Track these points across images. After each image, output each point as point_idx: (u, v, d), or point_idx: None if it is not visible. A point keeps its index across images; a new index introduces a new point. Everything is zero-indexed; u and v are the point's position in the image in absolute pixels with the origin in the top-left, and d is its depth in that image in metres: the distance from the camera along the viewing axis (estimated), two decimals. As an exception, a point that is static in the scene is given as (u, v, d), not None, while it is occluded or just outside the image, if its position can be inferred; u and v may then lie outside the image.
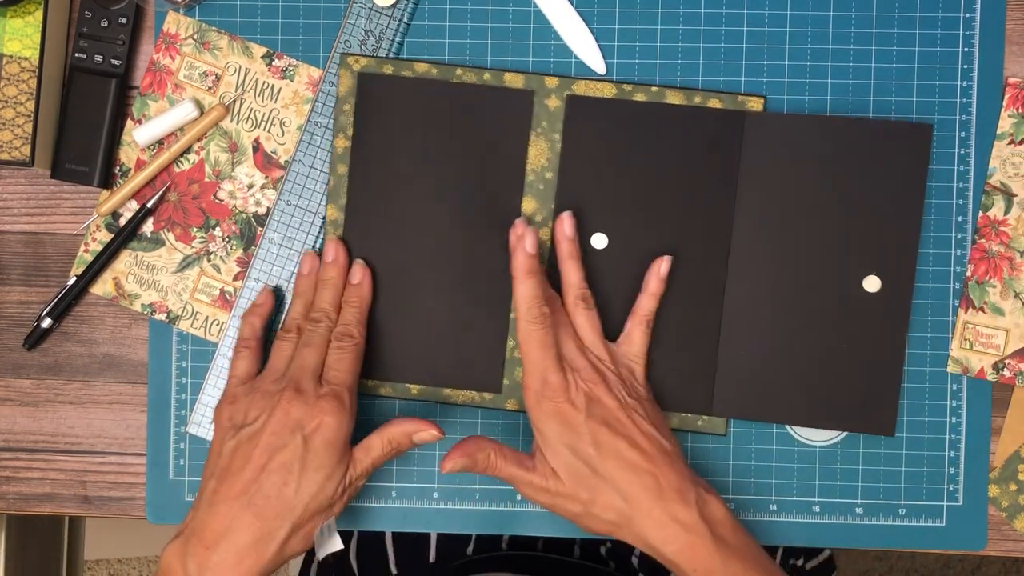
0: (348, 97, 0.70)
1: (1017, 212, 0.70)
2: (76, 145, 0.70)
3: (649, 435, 0.63)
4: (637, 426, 0.63)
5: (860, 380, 0.69)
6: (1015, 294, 0.70)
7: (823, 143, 0.68)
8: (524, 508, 0.71)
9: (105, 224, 0.72)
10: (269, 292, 0.70)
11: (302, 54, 0.71)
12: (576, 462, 0.62)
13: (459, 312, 0.70)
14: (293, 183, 0.71)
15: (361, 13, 0.71)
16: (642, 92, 0.69)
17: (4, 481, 0.73)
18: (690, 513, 0.61)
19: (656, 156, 0.69)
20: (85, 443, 0.73)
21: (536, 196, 0.70)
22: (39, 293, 0.72)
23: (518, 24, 0.71)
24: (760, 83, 0.70)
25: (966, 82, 0.70)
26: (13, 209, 0.72)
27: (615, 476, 0.62)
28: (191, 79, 0.71)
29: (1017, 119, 0.70)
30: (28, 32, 0.69)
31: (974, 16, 0.70)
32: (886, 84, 0.70)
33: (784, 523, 0.71)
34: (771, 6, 0.71)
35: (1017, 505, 0.70)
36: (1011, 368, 0.70)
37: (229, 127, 0.71)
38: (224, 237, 0.72)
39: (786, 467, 0.71)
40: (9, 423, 0.73)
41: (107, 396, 0.72)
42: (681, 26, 0.71)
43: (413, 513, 0.72)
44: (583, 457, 0.62)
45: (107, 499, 0.73)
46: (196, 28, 0.71)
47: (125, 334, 0.72)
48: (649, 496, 0.61)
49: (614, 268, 0.69)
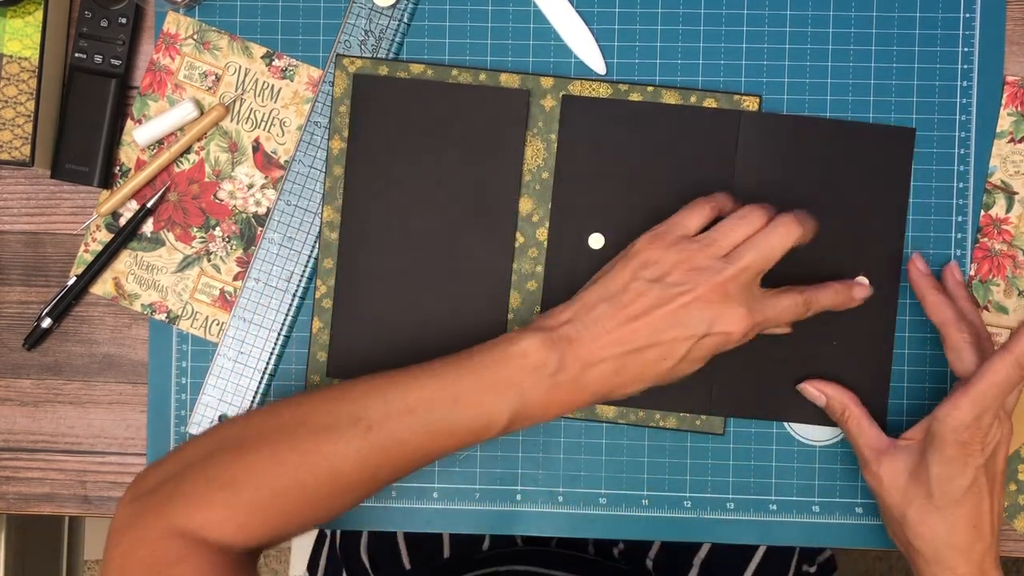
0: (344, 98, 0.70)
1: (1019, 210, 0.70)
2: (76, 145, 0.70)
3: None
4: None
5: (850, 378, 0.69)
6: (1019, 292, 0.70)
7: (814, 144, 0.69)
8: (524, 508, 0.71)
9: (105, 224, 0.72)
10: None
11: (302, 54, 0.71)
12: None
13: (457, 313, 0.70)
14: (293, 183, 0.71)
15: (361, 13, 0.71)
16: (638, 92, 0.69)
17: (4, 481, 0.73)
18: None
19: (652, 155, 0.69)
20: (85, 443, 0.73)
21: (533, 196, 0.70)
22: (39, 293, 0.72)
23: (518, 24, 0.71)
24: (760, 83, 0.70)
25: (966, 82, 0.70)
26: (13, 209, 0.73)
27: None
28: (191, 79, 0.71)
29: (1016, 117, 0.70)
30: (28, 32, 0.69)
31: (974, 16, 0.70)
32: (886, 84, 0.70)
33: (784, 523, 0.71)
34: (771, 6, 0.71)
35: (1017, 505, 0.70)
36: (1013, 368, 0.70)
37: (229, 127, 0.71)
38: (224, 237, 0.72)
39: (786, 467, 0.71)
40: (9, 423, 0.73)
41: (107, 396, 0.73)
42: (681, 26, 0.71)
43: (413, 513, 0.72)
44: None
45: (107, 499, 0.73)
46: (196, 28, 0.71)
47: (125, 334, 0.72)
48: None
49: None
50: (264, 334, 0.71)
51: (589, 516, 0.71)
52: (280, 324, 0.71)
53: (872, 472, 0.64)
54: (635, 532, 0.71)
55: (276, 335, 0.71)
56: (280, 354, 0.71)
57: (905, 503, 0.63)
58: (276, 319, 0.71)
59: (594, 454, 0.71)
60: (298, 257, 0.71)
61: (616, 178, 0.69)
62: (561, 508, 0.71)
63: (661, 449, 0.71)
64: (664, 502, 0.71)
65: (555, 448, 0.71)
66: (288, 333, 0.71)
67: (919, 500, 0.62)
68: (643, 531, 0.71)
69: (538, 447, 0.71)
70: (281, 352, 0.71)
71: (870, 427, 0.65)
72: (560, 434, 0.71)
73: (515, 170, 0.70)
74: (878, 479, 0.64)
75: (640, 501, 0.71)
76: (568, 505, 0.71)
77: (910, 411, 0.70)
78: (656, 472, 0.71)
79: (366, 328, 0.70)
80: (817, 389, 0.68)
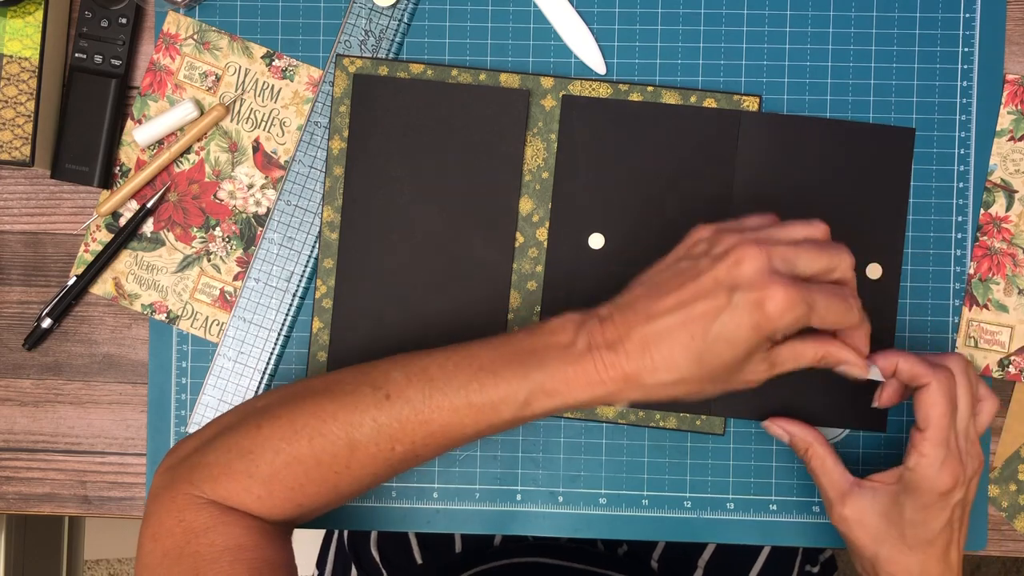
0: (344, 98, 0.70)
1: (1018, 208, 0.70)
2: (76, 145, 0.70)
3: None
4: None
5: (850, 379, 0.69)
6: (1019, 290, 0.70)
7: (814, 144, 0.69)
8: (524, 508, 0.71)
9: (105, 224, 0.72)
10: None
11: (302, 54, 0.71)
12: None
13: (457, 312, 0.70)
14: (293, 183, 0.71)
15: (361, 13, 0.71)
16: (638, 92, 0.69)
17: (4, 481, 0.73)
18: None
19: (652, 155, 0.69)
20: (85, 443, 0.73)
21: (533, 196, 0.70)
22: (39, 293, 0.72)
23: (518, 24, 0.71)
24: (760, 83, 0.70)
25: (966, 82, 0.70)
26: (13, 209, 0.73)
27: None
28: (191, 79, 0.71)
29: (1016, 115, 0.70)
30: (28, 32, 0.69)
31: (974, 16, 0.70)
32: (886, 84, 0.70)
33: (784, 523, 0.71)
34: (771, 6, 0.71)
35: (1017, 505, 0.70)
36: (1016, 364, 0.70)
37: (229, 127, 0.71)
38: (224, 237, 0.72)
39: (786, 467, 0.71)
40: (9, 423, 0.73)
41: (107, 396, 0.73)
42: (681, 26, 0.71)
43: (413, 513, 0.72)
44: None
45: (107, 499, 0.73)
46: (196, 28, 0.71)
47: (125, 334, 0.72)
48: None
49: (611, 268, 0.69)
50: (264, 334, 0.71)
51: (589, 516, 0.71)
52: (280, 324, 0.71)
53: (838, 514, 0.63)
54: (635, 532, 0.71)
55: (276, 335, 0.71)
56: (280, 354, 0.71)
57: (876, 544, 0.62)
58: (276, 319, 0.71)
59: (594, 454, 0.71)
60: (298, 257, 0.71)
61: (616, 178, 0.69)
62: (561, 508, 0.71)
63: (661, 449, 0.71)
64: (664, 502, 0.71)
65: (555, 448, 0.71)
66: (288, 333, 0.71)
67: (890, 541, 0.61)
68: (643, 531, 0.71)
69: (538, 447, 0.71)
70: (281, 352, 0.71)
71: (834, 467, 0.63)
72: (560, 434, 0.71)
73: (515, 170, 0.70)
74: (844, 521, 0.62)
75: (640, 501, 0.71)
76: (568, 505, 0.71)
77: (910, 411, 0.70)
78: (656, 472, 0.71)
79: (366, 328, 0.70)
80: (780, 427, 0.66)
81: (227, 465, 0.57)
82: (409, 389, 0.57)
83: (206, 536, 0.56)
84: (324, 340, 0.71)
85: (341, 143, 0.70)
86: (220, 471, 0.57)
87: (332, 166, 0.70)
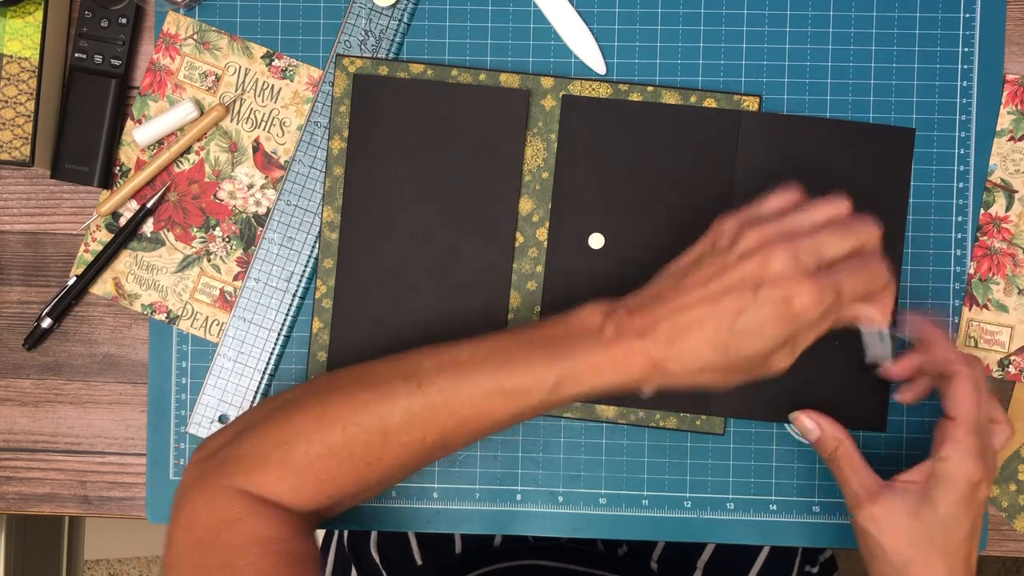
0: (344, 98, 0.70)
1: (1018, 208, 0.70)
2: (76, 145, 0.70)
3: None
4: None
5: (851, 378, 0.69)
6: (1018, 290, 0.70)
7: (814, 144, 0.69)
8: (524, 508, 0.71)
9: (105, 224, 0.72)
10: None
11: (302, 54, 0.71)
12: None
13: (457, 312, 0.70)
14: (293, 183, 0.71)
15: (361, 13, 0.71)
16: (638, 92, 0.69)
17: (4, 481, 0.73)
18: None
19: (652, 155, 0.69)
20: (85, 443, 0.73)
21: (533, 196, 0.70)
22: (39, 293, 0.72)
23: (518, 24, 0.71)
24: (760, 83, 0.70)
25: (966, 82, 0.70)
26: (13, 209, 0.73)
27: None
28: (191, 79, 0.71)
29: (1016, 115, 0.70)
30: (28, 32, 0.69)
31: (974, 16, 0.70)
32: (886, 84, 0.70)
33: (784, 523, 0.71)
34: (771, 6, 0.71)
35: (1017, 505, 0.70)
36: (1016, 364, 0.70)
37: (229, 127, 0.71)
38: (224, 237, 0.72)
39: (786, 467, 0.71)
40: (9, 423, 0.73)
41: (107, 396, 0.73)
42: (681, 26, 0.71)
43: (413, 513, 0.72)
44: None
45: (107, 499, 0.73)
46: (196, 28, 0.71)
47: (125, 334, 0.72)
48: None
49: (611, 268, 0.69)
50: (264, 334, 0.71)
51: (589, 516, 0.71)
52: (280, 324, 0.71)
53: (868, 513, 0.60)
54: (635, 532, 0.71)
55: (276, 335, 0.71)
56: (280, 354, 0.71)
57: (906, 546, 0.59)
58: (276, 319, 0.71)
59: (594, 454, 0.71)
60: (298, 257, 0.71)
61: (616, 178, 0.69)
62: (561, 508, 0.71)
63: (661, 449, 0.71)
64: (664, 502, 0.71)
65: (555, 448, 0.71)
66: (288, 333, 0.71)
67: (921, 543, 0.59)
68: (643, 531, 0.71)
69: (538, 447, 0.71)
70: (281, 352, 0.71)
71: (865, 466, 0.62)
72: (560, 434, 0.71)
73: (515, 170, 0.70)
74: (876, 521, 0.60)
75: (640, 501, 0.71)
76: (568, 505, 0.71)
77: (910, 411, 0.70)
78: (656, 472, 0.71)
79: (366, 328, 0.70)
80: (812, 421, 0.64)
81: (261, 456, 0.58)
82: (440, 378, 0.57)
83: (238, 526, 0.56)
84: (324, 340, 0.71)
85: (341, 143, 0.70)
86: (254, 462, 0.58)
87: (332, 166, 0.70)
